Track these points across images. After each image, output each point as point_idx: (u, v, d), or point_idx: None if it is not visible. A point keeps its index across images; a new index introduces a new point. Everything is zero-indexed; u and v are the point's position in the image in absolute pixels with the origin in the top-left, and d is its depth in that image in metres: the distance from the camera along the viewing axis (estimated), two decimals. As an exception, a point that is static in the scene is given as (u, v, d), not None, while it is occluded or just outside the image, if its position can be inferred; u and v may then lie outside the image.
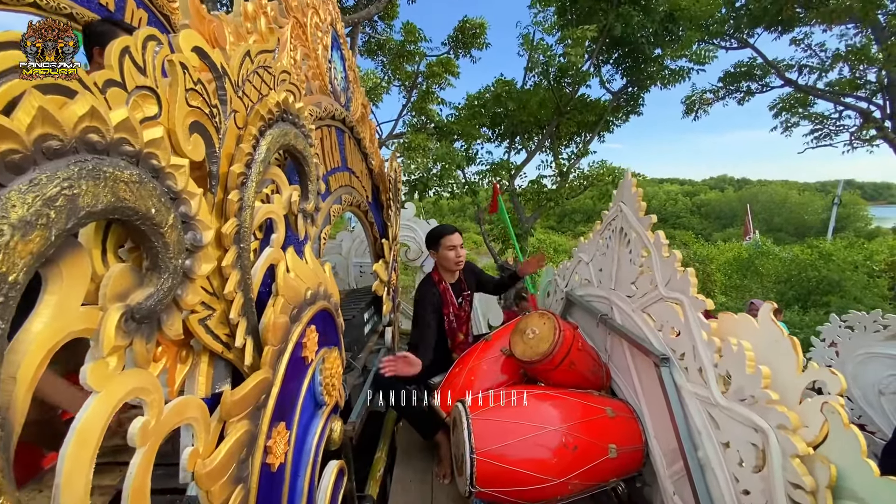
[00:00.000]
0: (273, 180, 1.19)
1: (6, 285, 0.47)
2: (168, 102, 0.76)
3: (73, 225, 0.55)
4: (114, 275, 0.66)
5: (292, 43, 1.71)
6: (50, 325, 0.56)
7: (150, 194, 0.69)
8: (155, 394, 0.73)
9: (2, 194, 0.47)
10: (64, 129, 0.53)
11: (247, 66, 1.02)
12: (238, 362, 1.02)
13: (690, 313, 1.83)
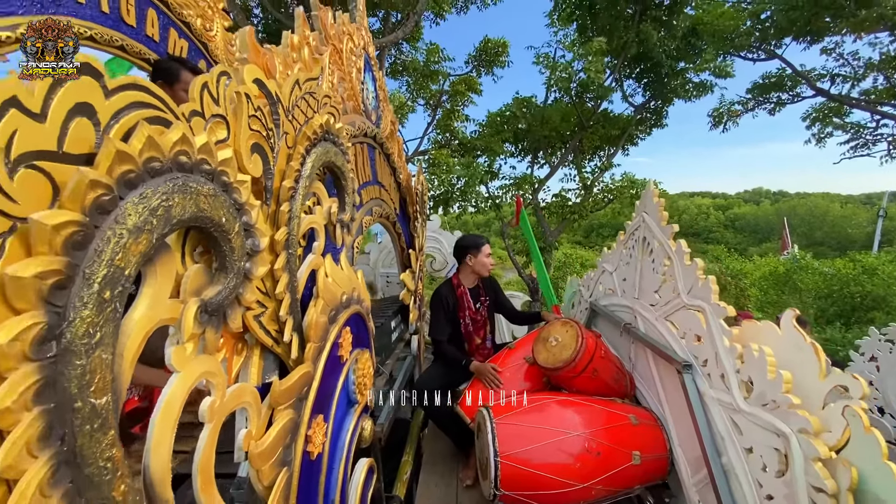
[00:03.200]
0: (315, 193, 1.32)
1: (124, 278, 0.60)
2: (234, 127, 0.89)
3: (167, 231, 0.68)
4: (192, 273, 0.79)
5: (330, 68, 1.87)
6: (146, 313, 0.68)
7: (222, 205, 0.81)
8: (220, 378, 0.85)
9: (121, 206, 0.60)
10: (163, 152, 0.66)
11: (296, 93, 1.16)
12: (285, 356, 1.13)
13: (712, 320, 1.86)
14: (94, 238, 0.54)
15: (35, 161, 0.49)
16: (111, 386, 0.58)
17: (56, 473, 0.51)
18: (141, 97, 0.64)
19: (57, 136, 0.52)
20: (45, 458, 0.49)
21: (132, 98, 0.63)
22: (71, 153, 0.53)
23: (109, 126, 0.59)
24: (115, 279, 0.57)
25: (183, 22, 3.21)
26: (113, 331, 0.58)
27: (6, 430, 0.46)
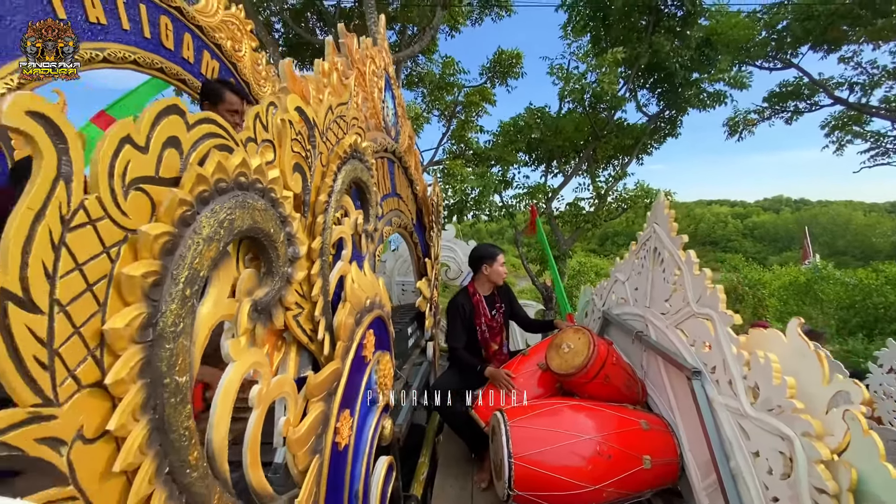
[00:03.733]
0: (343, 206, 1.44)
1: (199, 278, 0.72)
2: (280, 150, 1.02)
3: (230, 239, 0.80)
4: (245, 277, 0.91)
5: (355, 89, 2.01)
6: (211, 310, 0.80)
7: (271, 218, 0.94)
8: (266, 369, 0.97)
9: (198, 219, 0.72)
10: (228, 174, 0.79)
11: (329, 117, 1.29)
12: (317, 353, 1.25)
13: (720, 328, 1.92)
14: (179, 245, 0.67)
15: (141, 184, 0.61)
16: (189, 367, 0.70)
17: (150, 436, 0.62)
18: (211, 129, 0.77)
19: (155, 164, 0.64)
20: (144, 422, 0.61)
21: (205, 130, 0.76)
22: (164, 177, 0.66)
23: (189, 154, 0.72)
24: (193, 279, 0.69)
25: (215, 44, 3.42)
26: (191, 322, 0.70)
27: (118, 398, 0.57)
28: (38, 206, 0.47)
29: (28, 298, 0.46)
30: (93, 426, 0.54)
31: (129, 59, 2.63)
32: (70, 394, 0.51)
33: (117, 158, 0.57)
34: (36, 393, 0.47)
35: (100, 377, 0.55)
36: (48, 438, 0.49)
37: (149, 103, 0.68)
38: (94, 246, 0.54)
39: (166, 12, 2.91)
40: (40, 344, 0.48)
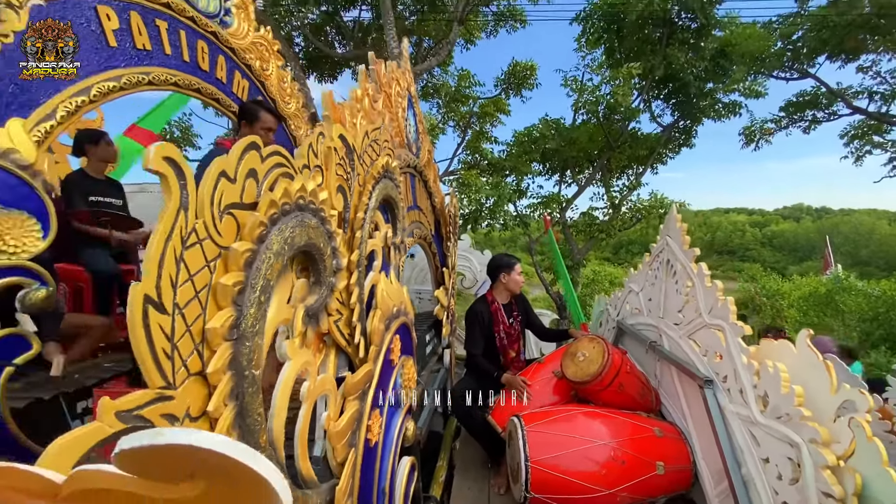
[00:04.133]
0: (375, 221, 1.57)
1: (270, 288, 0.84)
2: (327, 174, 1.15)
3: (291, 254, 0.93)
4: (299, 286, 1.04)
5: (382, 111, 2.15)
6: (275, 314, 0.93)
7: (321, 234, 1.06)
8: (314, 368, 1.09)
9: (269, 237, 0.85)
10: (291, 197, 0.92)
11: (365, 142, 1.42)
12: (353, 356, 1.37)
13: (731, 338, 1.99)
14: (256, 259, 0.79)
15: (231, 209, 0.74)
16: (261, 362, 0.82)
17: (235, 419, 0.74)
18: (278, 160, 0.90)
19: (240, 192, 0.77)
20: (231, 407, 0.73)
21: (274, 161, 0.89)
22: (246, 203, 0.79)
23: (263, 181, 0.85)
24: (266, 288, 0.82)
25: (245, 64, 3.62)
26: (263, 324, 0.83)
27: (213, 386, 0.70)
28: (167, 229, 0.60)
29: (160, 302, 0.59)
30: (196, 407, 0.67)
31: (171, 81, 2.83)
32: (182, 380, 0.64)
33: (216, 189, 0.70)
34: (162, 377, 0.60)
35: (201, 368, 0.68)
36: (168, 415, 0.61)
37: (174, 117, 0.80)
38: (200, 261, 0.67)
39: (203, 37, 3.12)
40: (166, 339, 0.60)
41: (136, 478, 0.38)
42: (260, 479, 0.37)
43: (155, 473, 0.38)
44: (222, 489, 0.38)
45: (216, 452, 0.35)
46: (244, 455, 0.36)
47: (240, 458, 0.36)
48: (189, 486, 0.39)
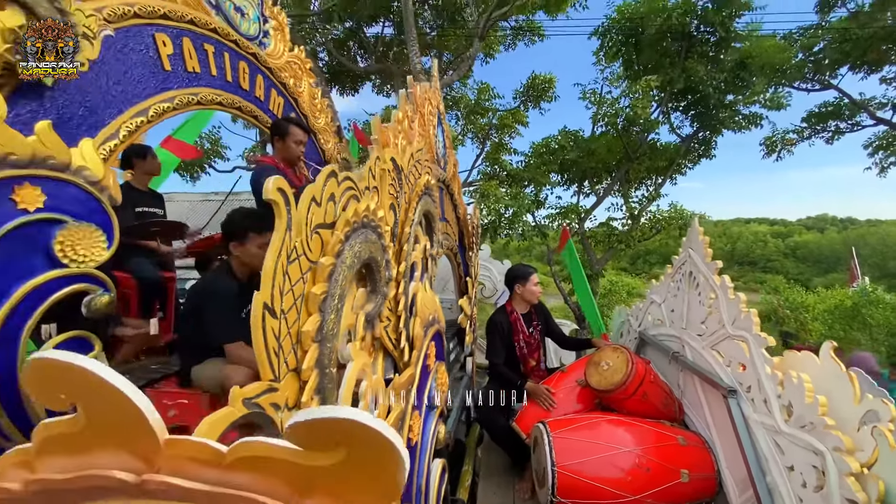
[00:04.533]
0: (416, 234, 1.69)
1: (343, 297, 0.96)
2: (381, 194, 1.27)
3: (358, 266, 1.05)
4: (359, 294, 1.15)
5: (417, 131, 2.28)
6: (344, 317, 1.04)
7: (378, 248, 1.18)
8: (370, 369, 1.20)
9: (343, 252, 0.97)
10: (358, 216, 1.04)
11: (410, 162, 1.54)
12: (398, 359, 1.48)
13: (754, 349, 2.04)
14: (335, 272, 0.91)
15: (318, 229, 0.86)
16: (336, 362, 0.94)
17: (319, 411, 0.86)
18: (349, 184, 1.03)
19: (324, 214, 0.89)
20: (316, 400, 0.85)
21: (346, 185, 1.01)
22: (328, 223, 0.91)
23: (338, 202, 0.97)
24: (341, 297, 0.94)
25: (280, 83, 3.82)
26: (338, 329, 0.94)
27: (304, 381, 0.82)
28: (277, 247, 0.72)
29: (273, 308, 0.71)
30: (291, 399, 0.79)
31: (216, 100, 3.02)
32: (284, 374, 0.75)
33: (308, 212, 0.82)
34: (272, 372, 0.72)
35: (296, 365, 0.79)
36: (274, 403, 0.73)
37: (204, 129, 0.91)
38: (298, 273, 0.79)
39: (244, 58, 3.31)
40: (275, 339, 0.72)
41: (293, 447, 0.49)
42: (390, 446, 0.48)
43: (311, 443, 0.49)
44: (359, 455, 0.49)
45: (361, 424, 0.46)
46: (381, 426, 0.47)
47: (378, 428, 0.47)
48: (334, 453, 0.50)
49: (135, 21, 2.40)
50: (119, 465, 0.55)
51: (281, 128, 2.83)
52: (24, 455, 0.59)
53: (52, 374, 0.51)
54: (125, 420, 0.52)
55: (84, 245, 1.97)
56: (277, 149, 3.00)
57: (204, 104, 2.98)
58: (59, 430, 0.56)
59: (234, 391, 0.65)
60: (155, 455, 0.55)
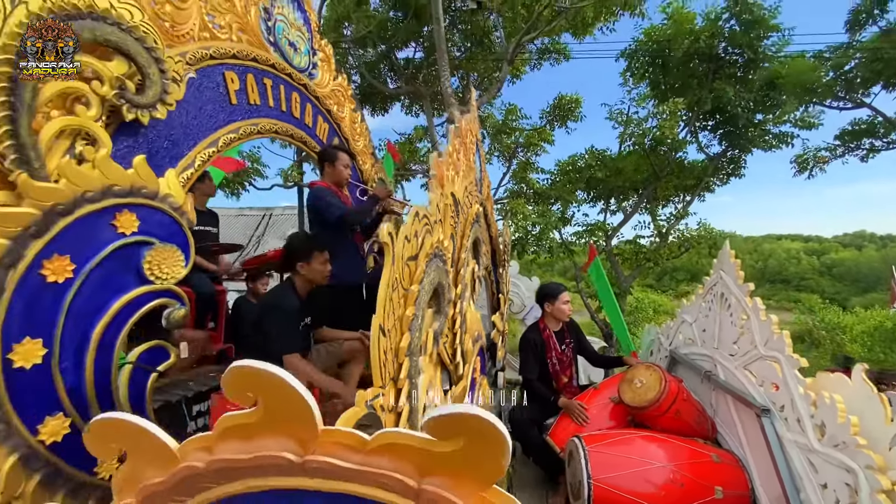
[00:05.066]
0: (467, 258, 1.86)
1: (423, 315, 1.13)
2: (445, 225, 1.45)
3: (432, 291, 1.22)
4: (429, 314, 1.32)
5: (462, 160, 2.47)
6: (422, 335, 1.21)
7: (444, 274, 1.36)
8: (436, 380, 1.37)
9: (424, 279, 1.14)
10: (433, 246, 1.21)
11: (464, 193, 1.72)
12: (453, 373, 1.64)
13: (787, 370, 2.12)
14: (419, 297, 1.09)
15: (408, 261, 1.04)
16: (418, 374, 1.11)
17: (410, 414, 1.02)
18: (425, 220, 1.20)
19: (411, 248, 1.07)
20: (408, 405, 1.01)
21: (423, 222, 1.19)
22: (413, 255, 1.09)
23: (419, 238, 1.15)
24: (423, 318, 1.11)
25: (326, 109, 4.10)
26: (419, 345, 1.11)
27: (399, 388, 0.98)
28: (388, 279, 0.90)
29: (384, 329, 0.88)
30: (389, 404, 0.95)
31: (273, 129, 3.30)
32: (387, 381, 0.92)
33: (403, 248, 1.00)
34: (381, 380, 0.89)
35: (394, 374, 0.96)
36: (381, 406, 0.90)
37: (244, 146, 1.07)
38: (398, 299, 0.96)
39: (296, 89, 3.60)
40: (384, 354, 0.89)
41: (426, 436, 0.66)
42: (501, 436, 0.64)
43: (440, 433, 0.65)
44: (474, 443, 0.65)
45: (482, 418, 0.63)
46: (496, 421, 0.63)
47: (494, 422, 0.63)
48: (455, 441, 0.66)
49: (210, 62, 2.69)
50: (284, 450, 0.73)
51: (330, 154, 3.10)
52: (204, 441, 0.78)
53: (246, 376, 0.69)
54: (295, 412, 0.70)
55: (167, 264, 2.22)
56: (327, 173, 3.26)
57: (263, 133, 3.26)
58: (237, 422, 0.75)
59: (359, 394, 0.82)
60: (312, 441, 0.72)
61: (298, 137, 3.67)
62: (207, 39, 2.67)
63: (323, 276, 2.60)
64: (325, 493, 0.73)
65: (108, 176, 1.94)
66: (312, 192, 3.11)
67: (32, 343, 1.71)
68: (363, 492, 0.71)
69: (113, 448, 0.79)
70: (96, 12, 1.85)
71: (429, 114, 9.98)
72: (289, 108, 3.49)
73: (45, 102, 1.75)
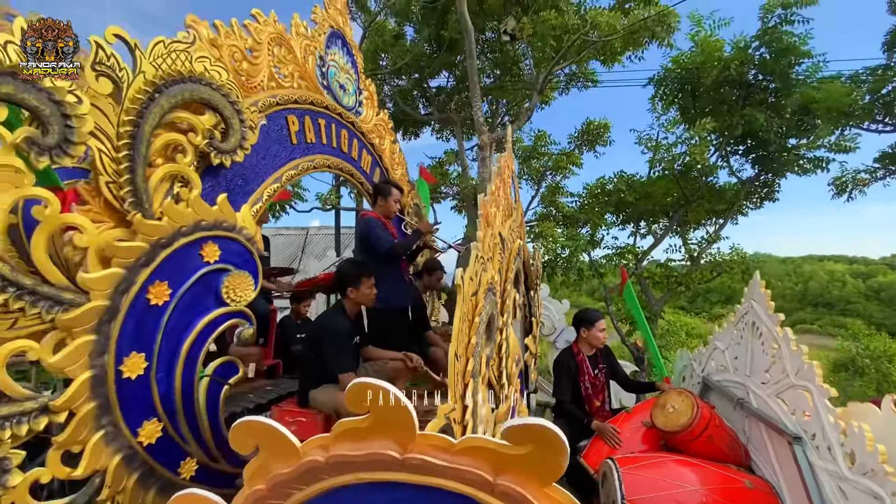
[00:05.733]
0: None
1: (480, 343, 1.34)
2: (495, 262, 1.66)
3: (487, 320, 1.43)
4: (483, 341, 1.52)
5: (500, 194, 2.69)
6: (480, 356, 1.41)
7: (494, 305, 1.56)
8: (485, 399, 1.56)
9: (482, 313, 1.35)
10: (487, 284, 1.42)
11: (508, 232, 1.93)
12: (499, 394, 1.82)
13: (818, 399, 2.20)
14: (479, 327, 1.29)
15: (472, 296, 1.25)
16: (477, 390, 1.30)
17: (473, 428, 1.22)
18: (482, 261, 1.42)
19: (475, 285, 1.28)
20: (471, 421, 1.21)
21: (480, 261, 1.40)
22: (475, 292, 1.30)
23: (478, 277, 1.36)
24: (479, 344, 1.31)
25: (370, 143, 4.43)
26: (478, 368, 1.31)
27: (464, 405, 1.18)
28: (460, 314, 1.11)
29: (456, 354, 1.09)
30: (458, 417, 1.15)
31: (326, 164, 3.63)
32: (457, 399, 1.13)
33: (468, 286, 1.22)
34: (454, 396, 1.09)
35: (462, 393, 1.17)
36: (453, 419, 1.10)
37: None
38: (466, 328, 1.17)
39: (345, 126, 3.94)
40: (457, 375, 1.10)
41: (504, 442, 0.86)
42: (561, 443, 0.83)
43: (515, 439, 0.85)
44: (540, 448, 0.84)
45: (548, 427, 0.82)
46: (557, 430, 0.82)
47: (556, 431, 0.82)
48: (525, 446, 0.85)
49: (276, 108, 3.04)
50: (388, 449, 0.93)
51: (385, 189, 3.42)
52: (321, 441, 0.99)
53: (365, 390, 0.91)
54: (399, 419, 0.91)
55: (240, 288, 2.51)
56: (379, 205, 3.56)
57: (317, 168, 3.59)
58: (351, 426, 0.96)
59: (440, 408, 1.02)
60: (411, 443, 0.93)
61: (346, 170, 3.99)
62: (274, 88, 3.02)
63: (370, 300, 2.85)
64: (417, 485, 0.93)
65: (198, 212, 2.25)
66: (364, 222, 3.40)
67: (137, 357, 2.00)
68: (450, 485, 0.91)
69: (250, 443, 1.02)
70: (195, 76, 2.19)
71: (459, 138, 10.34)
72: (339, 144, 3.83)
73: (155, 153, 2.07)
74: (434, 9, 8.61)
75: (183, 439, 2.23)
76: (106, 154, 1.84)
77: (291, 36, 3.19)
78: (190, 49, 2.17)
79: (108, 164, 1.84)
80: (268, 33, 2.91)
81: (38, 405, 1.66)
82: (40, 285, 1.65)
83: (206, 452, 2.34)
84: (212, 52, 2.40)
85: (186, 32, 2.23)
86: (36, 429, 1.66)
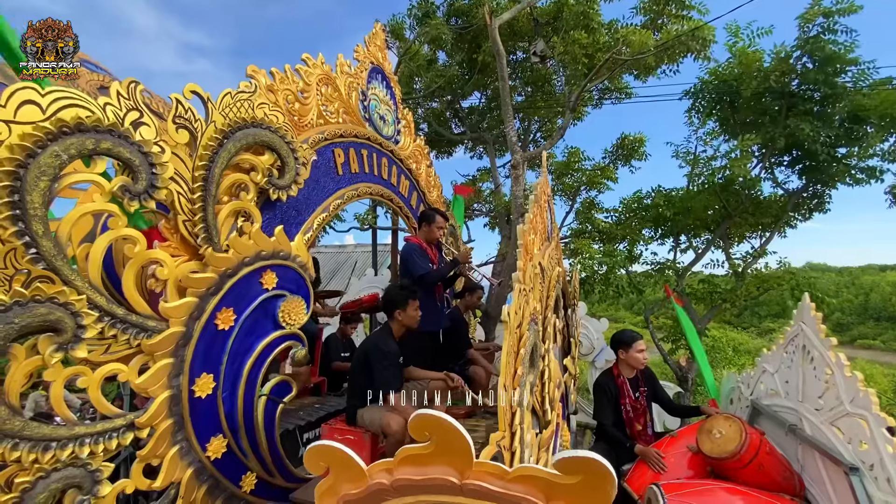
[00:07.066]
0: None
1: (527, 370, 1.42)
2: (536, 291, 1.74)
3: (531, 350, 1.51)
4: (527, 369, 1.60)
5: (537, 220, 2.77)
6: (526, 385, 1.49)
7: (537, 334, 1.64)
8: (530, 426, 1.63)
9: (526, 344, 1.43)
10: (530, 314, 1.51)
11: (548, 261, 2.01)
12: (541, 417, 1.88)
13: (875, 429, 2.12)
14: (524, 358, 1.38)
15: (518, 327, 1.34)
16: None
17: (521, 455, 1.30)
18: (525, 295, 1.51)
19: (519, 318, 1.37)
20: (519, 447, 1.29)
21: (524, 295, 1.49)
22: (519, 324, 1.39)
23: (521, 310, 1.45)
24: (525, 374, 1.40)
25: (407, 168, 4.62)
26: (524, 397, 1.39)
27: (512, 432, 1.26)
28: (507, 348, 1.20)
29: (505, 384, 1.18)
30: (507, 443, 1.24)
31: (368, 192, 3.82)
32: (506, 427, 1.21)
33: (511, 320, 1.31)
34: (503, 424, 1.18)
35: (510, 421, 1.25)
36: (501, 443, 1.18)
37: None
38: (513, 358, 1.26)
39: (386, 154, 4.14)
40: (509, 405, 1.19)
41: (555, 472, 0.94)
42: (610, 475, 0.90)
43: (565, 469, 0.93)
44: (589, 478, 0.92)
45: (596, 460, 0.89)
46: (606, 463, 0.89)
47: (605, 463, 0.89)
48: (575, 476, 0.93)
49: (324, 143, 3.25)
50: (448, 475, 1.03)
51: (429, 217, 3.62)
52: (386, 465, 1.10)
53: (427, 420, 1.01)
54: (458, 447, 1.01)
55: (295, 312, 2.69)
56: (423, 230, 3.74)
57: (361, 195, 3.79)
58: (414, 453, 1.06)
59: (493, 435, 1.11)
60: (468, 469, 1.02)
61: (387, 196, 4.18)
62: (322, 125, 3.25)
63: (415, 322, 2.97)
64: (474, 509, 1.02)
65: (259, 244, 2.45)
66: (407, 247, 3.56)
67: (207, 377, 2.19)
68: (504, 509, 0.99)
69: (322, 465, 1.14)
70: (256, 121, 2.41)
71: (491, 156, 10.45)
72: (379, 172, 4.03)
73: (222, 192, 2.29)
74: (466, 34, 8.86)
75: (244, 454, 2.40)
76: (183, 195, 2.06)
77: (336, 75, 3.43)
78: (252, 97, 2.39)
79: (184, 205, 2.06)
80: (316, 75, 3.15)
81: (126, 422, 1.85)
82: (129, 315, 1.86)
83: (264, 467, 2.50)
84: (269, 98, 2.63)
85: (248, 82, 2.47)
86: (123, 443, 1.86)
